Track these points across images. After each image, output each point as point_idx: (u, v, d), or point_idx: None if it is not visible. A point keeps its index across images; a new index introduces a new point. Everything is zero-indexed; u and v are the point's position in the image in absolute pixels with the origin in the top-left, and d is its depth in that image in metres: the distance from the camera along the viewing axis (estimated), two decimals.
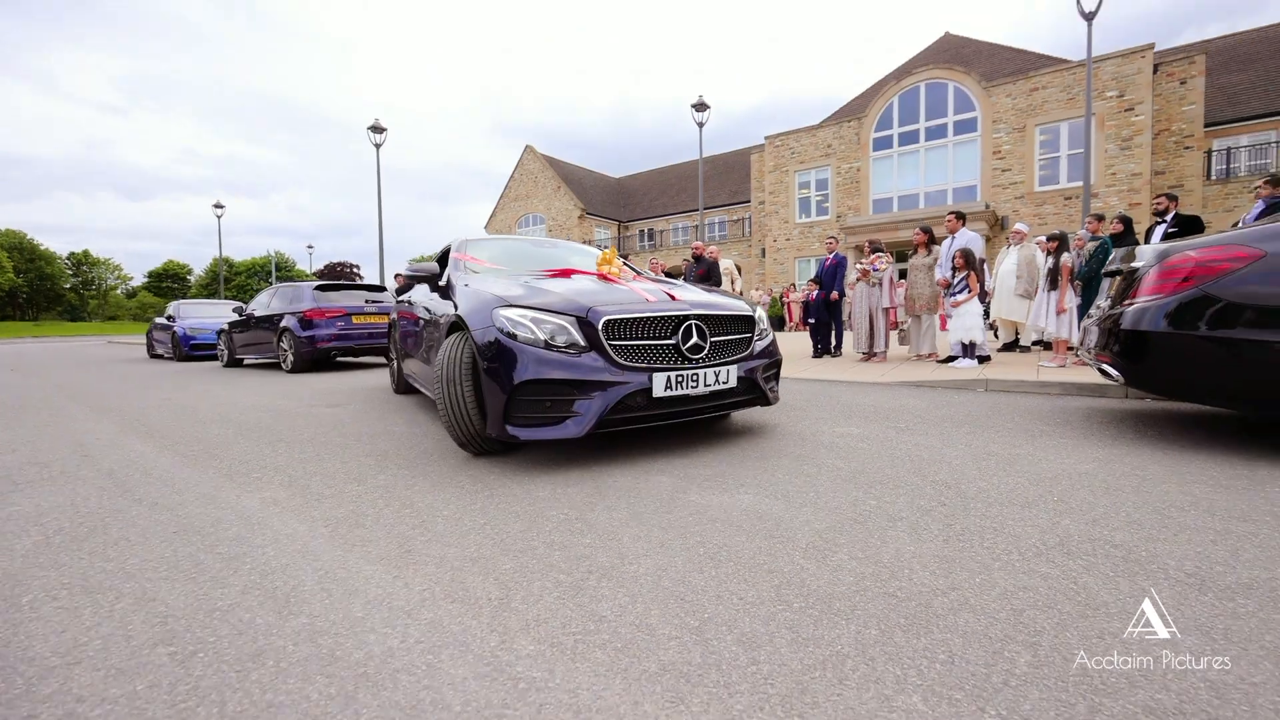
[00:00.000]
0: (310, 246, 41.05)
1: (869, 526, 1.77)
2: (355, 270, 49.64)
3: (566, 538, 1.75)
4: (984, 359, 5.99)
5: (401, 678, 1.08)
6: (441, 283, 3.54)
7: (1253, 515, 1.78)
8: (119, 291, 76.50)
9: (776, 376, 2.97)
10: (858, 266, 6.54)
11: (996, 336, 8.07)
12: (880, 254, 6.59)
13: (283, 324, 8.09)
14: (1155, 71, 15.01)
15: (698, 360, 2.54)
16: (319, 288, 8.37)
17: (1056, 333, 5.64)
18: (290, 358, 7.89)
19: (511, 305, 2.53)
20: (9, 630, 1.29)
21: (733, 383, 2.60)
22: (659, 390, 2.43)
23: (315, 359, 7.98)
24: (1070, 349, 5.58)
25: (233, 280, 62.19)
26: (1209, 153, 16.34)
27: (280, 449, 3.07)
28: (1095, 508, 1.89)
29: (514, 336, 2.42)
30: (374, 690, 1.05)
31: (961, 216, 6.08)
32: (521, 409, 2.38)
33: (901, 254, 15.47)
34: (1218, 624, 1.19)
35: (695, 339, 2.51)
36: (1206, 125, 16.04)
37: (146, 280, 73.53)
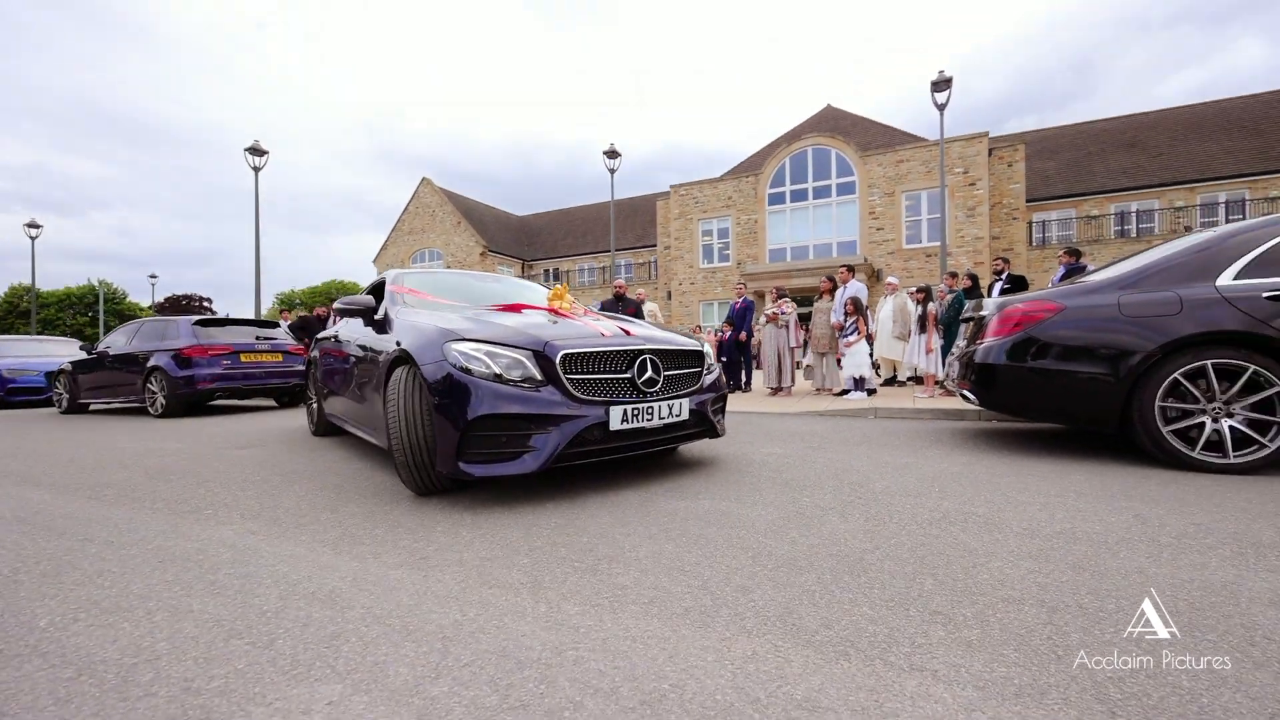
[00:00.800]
0: (154, 276, 36.54)
1: (808, 515, 2.29)
2: (207, 304, 44.63)
3: (565, 537, 2.07)
4: (871, 391, 7.07)
5: (480, 636, 1.37)
6: (378, 316, 3.55)
7: (1064, 493, 2.56)
8: None
9: (723, 410, 3.28)
10: (766, 311, 7.48)
11: (879, 373, 9.44)
12: (785, 299, 7.60)
13: (152, 363, 7.38)
14: (990, 154, 18.67)
15: (652, 394, 2.72)
16: (200, 323, 7.78)
17: (926, 369, 6.86)
18: (161, 400, 7.19)
19: (464, 339, 2.58)
20: (51, 645, 1.37)
21: (685, 415, 2.83)
22: (615, 424, 2.55)
23: (193, 401, 7.34)
24: (937, 383, 6.80)
25: (38, 314, 52.76)
26: (1030, 224, 20.40)
27: (216, 489, 3.02)
28: (963, 495, 2.57)
29: (468, 371, 2.46)
30: (463, 645, 1.32)
31: (852, 269, 7.27)
32: (476, 445, 2.42)
33: (797, 299, 17.28)
34: (1044, 553, 1.82)
35: (650, 373, 2.72)
36: (1028, 201, 20.10)
37: None
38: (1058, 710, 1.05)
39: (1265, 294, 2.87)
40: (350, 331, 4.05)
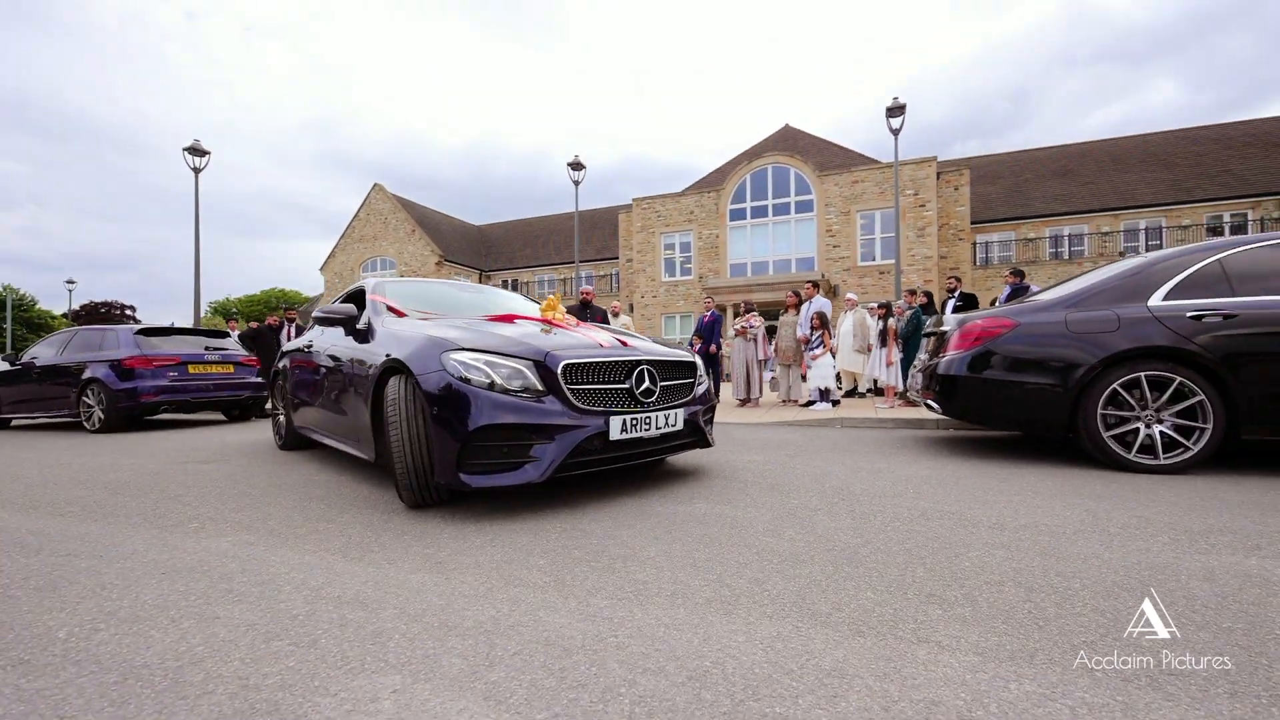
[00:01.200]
0: (71, 282, 34.06)
1: (799, 516, 2.47)
2: (130, 313, 41.91)
3: (574, 540, 2.17)
4: (836, 403, 7.43)
5: (521, 629, 1.46)
6: (360, 326, 3.54)
7: (1022, 492, 2.84)
8: None
9: (711, 420, 3.39)
10: (735, 325, 7.76)
11: (840, 385, 9.89)
12: (753, 313, 7.91)
13: (88, 375, 6.98)
14: (938, 178, 19.90)
15: (649, 404, 2.82)
16: (142, 332, 7.41)
17: (887, 380, 7.27)
18: (99, 414, 6.79)
19: (462, 348, 2.61)
20: (80, 654, 1.37)
21: (680, 425, 2.93)
22: (615, 433, 2.63)
23: (135, 416, 6.96)
24: (897, 394, 7.22)
25: None
26: (974, 244, 21.79)
27: (193, 503, 2.95)
28: (935, 495, 2.81)
29: (467, 381, 2.49)
30: (506, 637, 1.41)
31: (816, 285, 7.66)
32: (477, 455, 2.46)
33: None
34: (1014, 544, 2.05)
35: (648, 383, 2.81)
36: (972, 223, 21.48)
37: None
38: (1044, 667, 1.24)
39: (1189, 314, 3.28)
40: (327, 341, 3.99)
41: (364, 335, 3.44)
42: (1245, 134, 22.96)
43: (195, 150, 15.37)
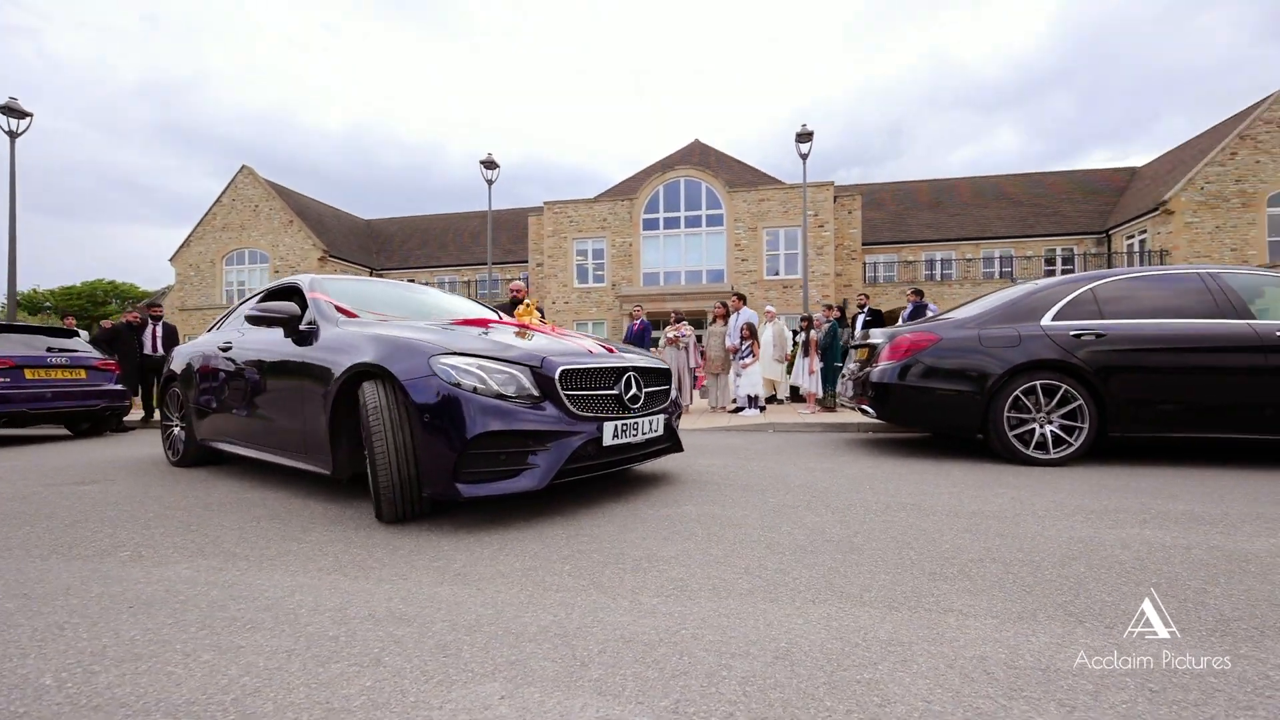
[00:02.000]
0: None
1: (785, 513, 2.69)
2: None
3: (586, 545, 2.21)
4: (762, 408, 7.94)
5: (591, 629, 1.50)
6: (304, 327, 3.29)
7: (956, 484, 3.29)
8: None
9: (678, 425, 3.58)
10: (668, 334, 8.05)
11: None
12: (683, 322, 8.24)
13: None
14: (835, 201, 21.83)
15: (635, 410, 2.93)
16: None
17: (809, 387, 7.91)
18: None
19: (454, 353, 2.55)
20: (95, 698, 1.21)
21: (660, 431, 3.07)
22: (608, 439, 2.71)
23: None
24: (817, 400, 7.87)
25: None
26: (864, 263, 24.14)
27: (104, 530, 2.58)
28: (889, 489, 3.18)
29: (459, 386, 2.45)
30: (581, 638, 1.45)
31: (742, 297, 8.15)
32: (474, 464, 2.43)
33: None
34: (974, 528, 2.41)
35: (634, 389, 2.93)
36: (863, 244, 23.78)
37: None
38: (1047, 623, 1.52)
39: (1071, 332, 3.98)
40: (257, 342, 3.62)
41: (308, 337, 3.20)
42: (1071, 181, 27.62)
43: (12, 110, 12.99)
